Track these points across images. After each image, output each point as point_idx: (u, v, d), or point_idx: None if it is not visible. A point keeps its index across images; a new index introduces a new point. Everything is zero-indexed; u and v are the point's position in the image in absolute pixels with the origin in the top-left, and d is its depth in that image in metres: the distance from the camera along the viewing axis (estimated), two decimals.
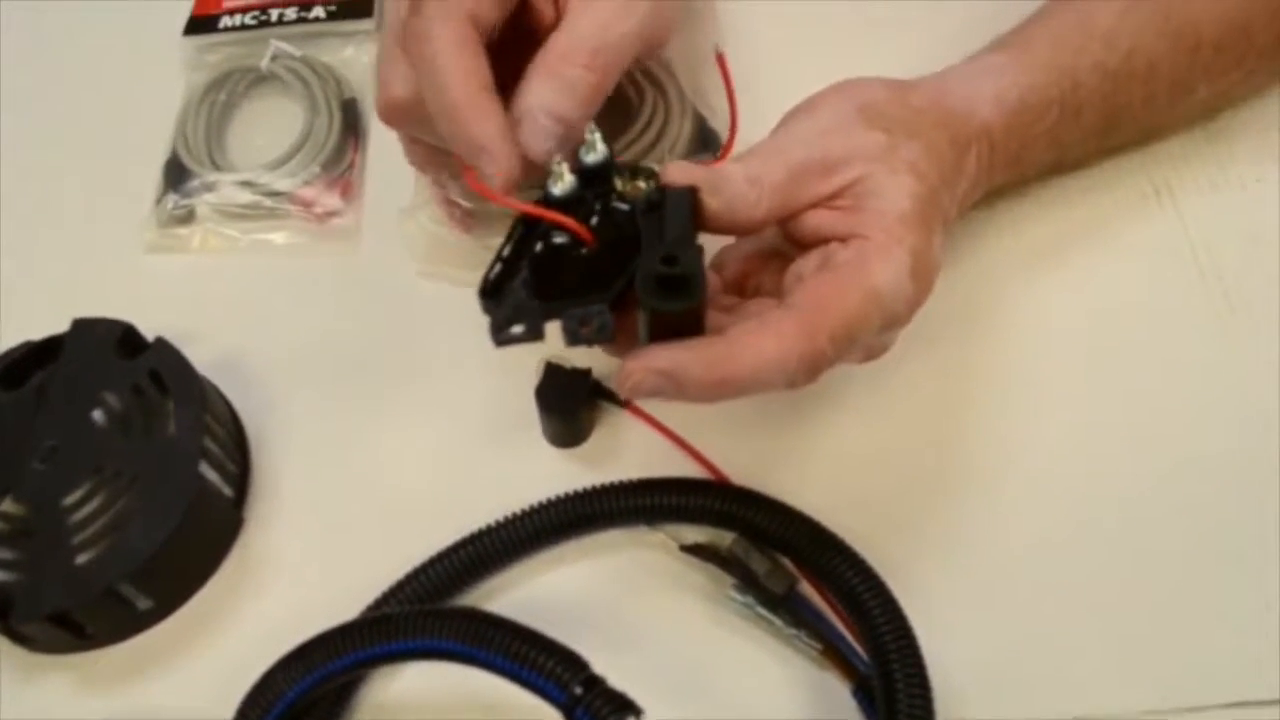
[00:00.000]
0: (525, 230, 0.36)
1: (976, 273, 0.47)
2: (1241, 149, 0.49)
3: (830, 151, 0.39)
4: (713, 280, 0.42)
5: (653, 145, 0.48)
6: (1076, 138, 0.45)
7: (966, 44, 0.46)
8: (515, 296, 0.36)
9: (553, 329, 0.36)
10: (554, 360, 0.44)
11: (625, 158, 0.47)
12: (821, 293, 0.37)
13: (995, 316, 0.47)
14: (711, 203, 0.37)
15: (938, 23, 0.49)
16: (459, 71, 0.37)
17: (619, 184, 0.37)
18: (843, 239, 0.38)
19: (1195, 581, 0.41)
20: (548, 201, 0.36)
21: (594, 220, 0.36)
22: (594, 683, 0.33)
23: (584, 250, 0.36)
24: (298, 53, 0.55)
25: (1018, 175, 0.46)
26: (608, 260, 0.36)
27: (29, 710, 0.41)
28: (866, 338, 0.38)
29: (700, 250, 0.36)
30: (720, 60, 0.50)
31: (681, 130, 0.49)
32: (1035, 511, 0.42)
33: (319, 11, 0.56)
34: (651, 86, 0.49)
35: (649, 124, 0.48)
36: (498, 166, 0.36)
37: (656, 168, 0.38)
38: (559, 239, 0.36)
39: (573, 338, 0.36)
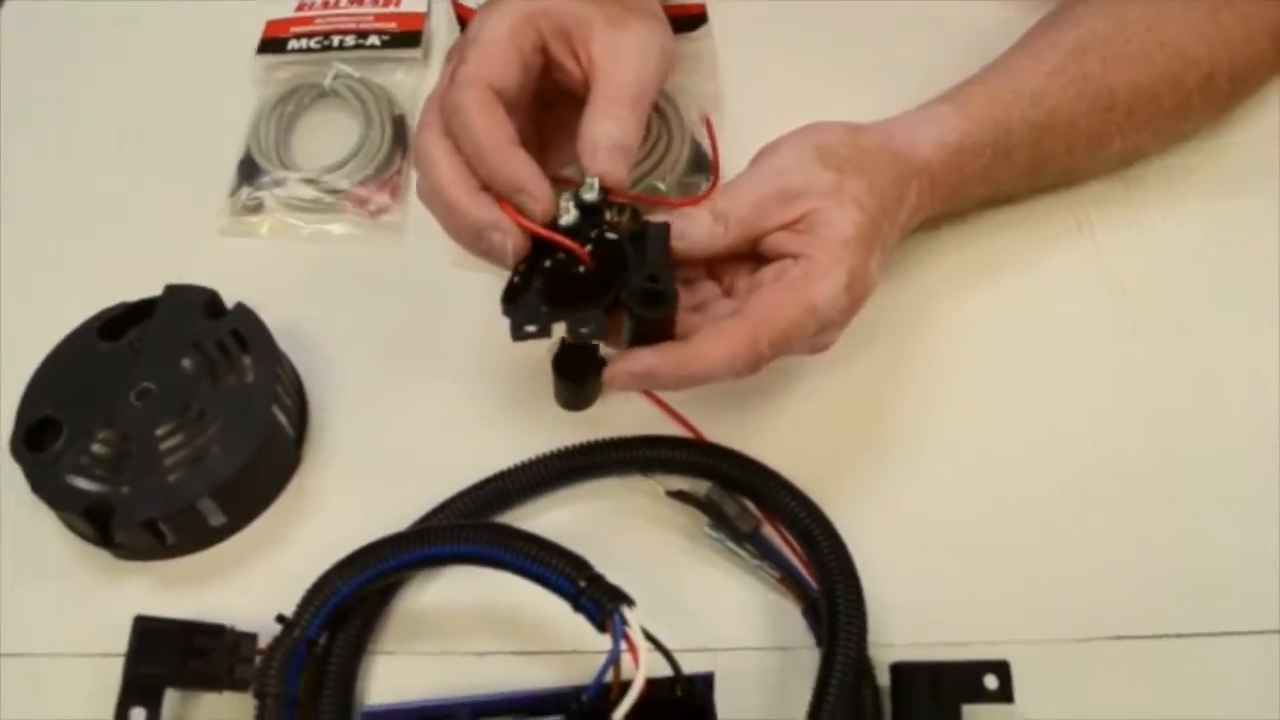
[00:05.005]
0: (537, 252, 0.45)
1: (920, 284, 0.54)
2: (1152, 194, 0.57)
3: (790, 186, 0.47)
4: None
5: (657, 165, 0.56)
6: (1007, 176, 0.53)
7: (921, 94, 0.53)
8: (530, 303, 0.44)
9: (558, 328, 0.45)
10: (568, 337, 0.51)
11: (634, 174, 0.55)
12: (766, 304, 0.44)
13: (933, 321, 0.54)
14: (678, 245, 0.46)
15: (899, 76, 0.56)
16: (485, 128, 0.44)
17: (610, 217, 0.45)
18: (795, 257, 0.46)
19: (1092, 529, 0.48)
20: (555, 229, 0.45)
21: (589, 246, 0.45)
22: (596, 579, 0.41)
23: (583, 269, 0.45)
24: (356, 74, 0.63)
25: (956, 206, 0.53)
26: (601, 277, 0.44)
27: (117, 604, 0.47)
28: (804, 339, 0.45)
29: (674, 271, 0.45)
30: (707, 124, 0.58)
31: (681, 153, 0.57)
32: (956, 472, 0.50)
33: (375, 40, 0.64)
34: (657, 116, 0.57)
35: (654, 147, 0.57)
36: (537, 199, 0.44)
37: (651, 195, 0.45)
38: (564, 259, 0.45)
39: (574, 335, 0.45)
